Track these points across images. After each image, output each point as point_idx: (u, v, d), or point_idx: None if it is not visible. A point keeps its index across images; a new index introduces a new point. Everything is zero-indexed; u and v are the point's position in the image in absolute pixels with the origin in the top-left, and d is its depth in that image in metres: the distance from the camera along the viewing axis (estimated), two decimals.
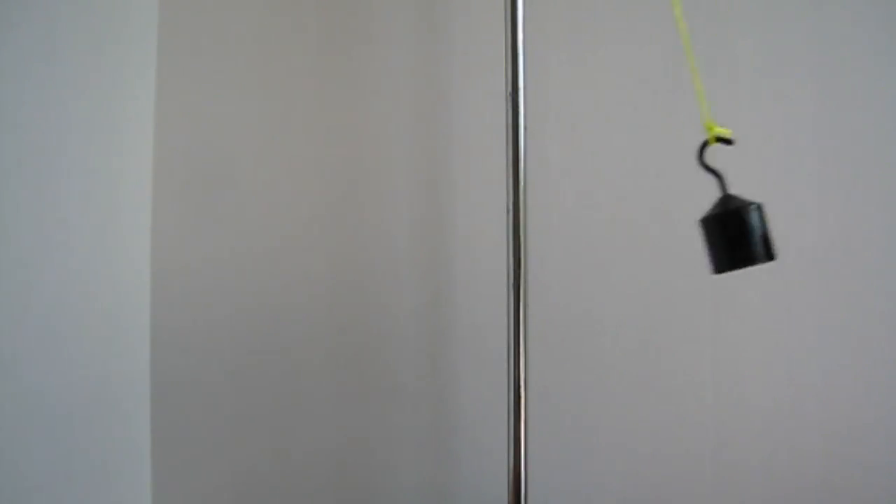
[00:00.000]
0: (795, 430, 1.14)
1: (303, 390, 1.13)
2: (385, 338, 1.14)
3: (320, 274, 1.13)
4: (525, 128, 0.95)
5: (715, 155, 0.84)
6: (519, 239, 0.95)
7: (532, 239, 0.97)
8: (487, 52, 1.03)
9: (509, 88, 0.95)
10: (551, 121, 1.14)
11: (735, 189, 1.14)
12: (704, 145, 0.73)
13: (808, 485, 1.14)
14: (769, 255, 0.72)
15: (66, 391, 0.93)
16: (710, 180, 1.14)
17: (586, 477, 1.14)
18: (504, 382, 0.95)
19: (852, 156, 1.16)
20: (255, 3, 1.14)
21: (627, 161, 1.15)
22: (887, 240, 1.15)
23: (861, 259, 1.15)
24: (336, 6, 1.14)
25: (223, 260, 1.12)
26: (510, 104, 0.95)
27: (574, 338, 1.14)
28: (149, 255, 1.10)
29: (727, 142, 0.73)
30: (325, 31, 1.14)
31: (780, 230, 1.14)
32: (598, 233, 1.15)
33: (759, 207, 0.72)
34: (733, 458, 1.14)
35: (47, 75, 0.90)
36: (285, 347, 1.13)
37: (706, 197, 1.15)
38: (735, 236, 0.71)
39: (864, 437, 1.14)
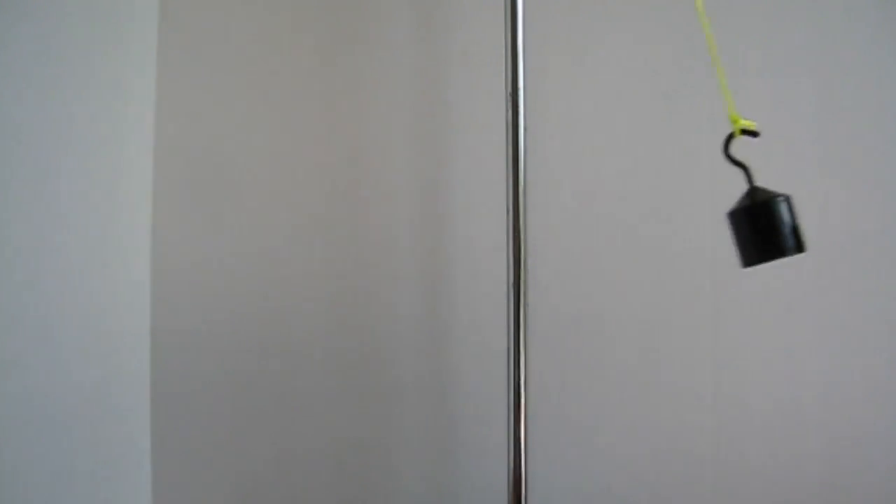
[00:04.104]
0: (796, 431, 1.14)
1: (303, 391, 1.13)
2: (385, 338, 1.14)
3: (320, 274, 1.13)
4: (525, 128, 0.95)
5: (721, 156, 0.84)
6: (519, 239, 0.95)
7: (532, 239, 0.97)
8: (487, 52, 1.03)
9: (509, 88, 0.95)
10: (551, 121, 1.14)
11: (728, 191, 1.14)
12: (730, 138, 0.72)
13: (809, 485, 1.14)
14: (799, 247, 0.71)
15: (66, 391, 0.93)
16: (711, 179, 1.15)
17: (586, 477, 1.14)
18: (504, 382, 0.95)
19: (852, 156, 1.16)
20: (256, 3, 1.14)
21: (627, 161, 1.15)
22: (888, 239, 1.15)
23: (862, 259, 1.15)
24: (336, 6, 1.14)
25: (223, 260, 1.12)
26: (510, 104, 0.95)
27: (574, 338, 1.14)
28: (149, 256, 1.10)
29: (753, 134, 0.73)
30: (324, 30, 1.14)
31: None
32: (598, 233, 1.15)
33: (788, 199, 0.71)
34: (733, 458, 1.14)
35: (47, 75, 0.90)
36: (285, 348, 1.13)
37: (706, 197, 1.15)
38: (764, 229, 0.70)
39: (865, 437, 1.14)
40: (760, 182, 1.19)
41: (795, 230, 0.71)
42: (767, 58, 1.16)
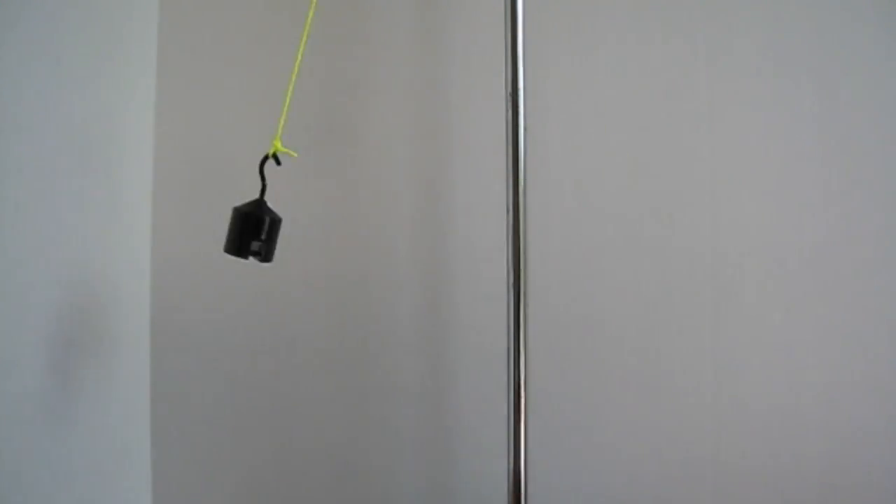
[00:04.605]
0: (795, 431, 1.14)
1: (302, 390, 1.13)
2: (385, 338, 1.14)
3: (320, 273, 1.13)
4: (525, 128, 0.95)
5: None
6: (519, 239, 0.95)
7: (532, 239, 0.97)
8: (487, 52, 1.03)
9: (509, 88, 0.95)
10: (551, 121, 1.14)
11: (728, 190, 1.15)
12: (265, 158, 0.90)
13: (809, 485, 1.14)
14: (263, 259, 0.88)
15: (66, 391, 0.93)
16: (711, 179, 1.15)
17: (586, 477, 1.14)
18: (504, 382, 0.95)
19: (852, 155, 1.16)
20: (255, 3, 1.14)
21: (627, 161, 1.15)
22: (887, 239, 1.15)
23: (861, 259, 1.15)
24: (336, 6, 1.14)
25: (223, 260, 1.12)
26: (510, 104, 0.95)
27: (574, 338, 1.14)
28: (149, 255, 1.10)
29: (277, 161, 0.90)
30: (325, 30, 1.14)
31: (780, 229, 1.15)
32: (598, 233, 1.15)
33: (274, 222, 0.88)
34: (733, 458, 1.14)
35: (48, 75, 0.90)
36: (285, 347, 1.13)
37: (706, 197, 1.15)
38: (243, 233, 0.87)
39: (865, 437, 1.14)
40: (764, 181, 1.19)
41: (264, 245, 0.88)
42: (767, 58, 1.16)
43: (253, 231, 0.87)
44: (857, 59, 1.16)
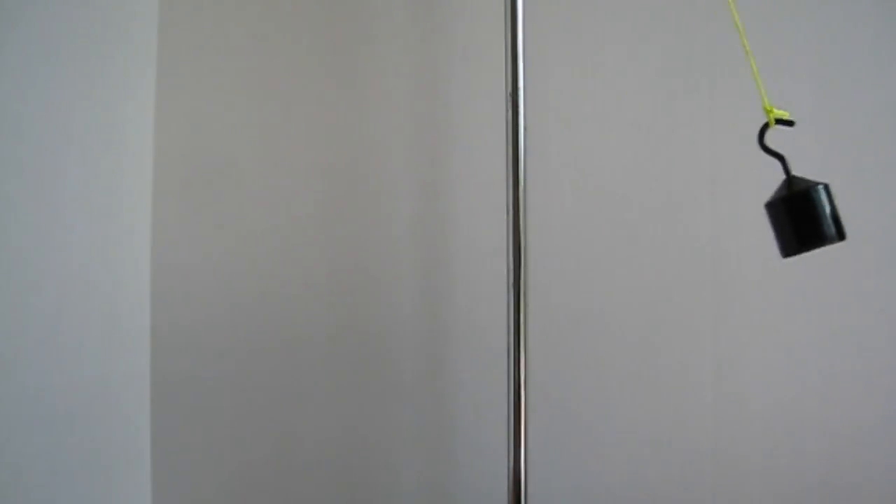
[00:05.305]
0: (796, 430, 1.14)
1: (303, 390, 1.13)
2: (385, 337, 1.14)
3: (320, 274, 1.13)
4: (525, 128, 0.95)
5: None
6: (519, 239, 0.95)
7: (532, 239, 0.97)
8: (487, 52, 1.03)
9: (509, 88, 0.95)
10: (551, 121, 1.14)
11: (728, 190, 1.15)
12: (765, 128, 0.73)
13: (809, 484, 1.14)
14: (840, 235, 0.70)
15: (66, 391, 0.93)
16: (712, 178, 1.15)
17: (586, 477, 1.14)
18: (504, 382, 0.95)
19: (852, 155, 1.16)
20: (255, 3, 1.14)
21: (628, 160, 1.15)
22: (887, 239, 1.15)
23: (862, 258, 1.15)
24: (336, 6, 1.14)
25: (223, 260, 1.12)
26: (510, 104, 0.95)
27: (574, 337, 1.14)
28: (149, 255, 1.10)
29: (788, 123, 0.73)
30: (324, 30, 1.14)
31: None
32: (598, 232, 1.15)
33: (826, 187, 0.71)
34: (733, 457, 1.14)
35: (48, 75, 0.90)
36: (285, 347, 1.13)
37: (706, 196, 1.15)
38: (803, 218, 0.70)
39: (865, 436, 1.14)
40: (764, 181, 1.19)
41: (835, 218, 0.69)
42: (767, 58, 1.16)
43: (810, 214, 0.70)
44: (857, 59, 1.16)
